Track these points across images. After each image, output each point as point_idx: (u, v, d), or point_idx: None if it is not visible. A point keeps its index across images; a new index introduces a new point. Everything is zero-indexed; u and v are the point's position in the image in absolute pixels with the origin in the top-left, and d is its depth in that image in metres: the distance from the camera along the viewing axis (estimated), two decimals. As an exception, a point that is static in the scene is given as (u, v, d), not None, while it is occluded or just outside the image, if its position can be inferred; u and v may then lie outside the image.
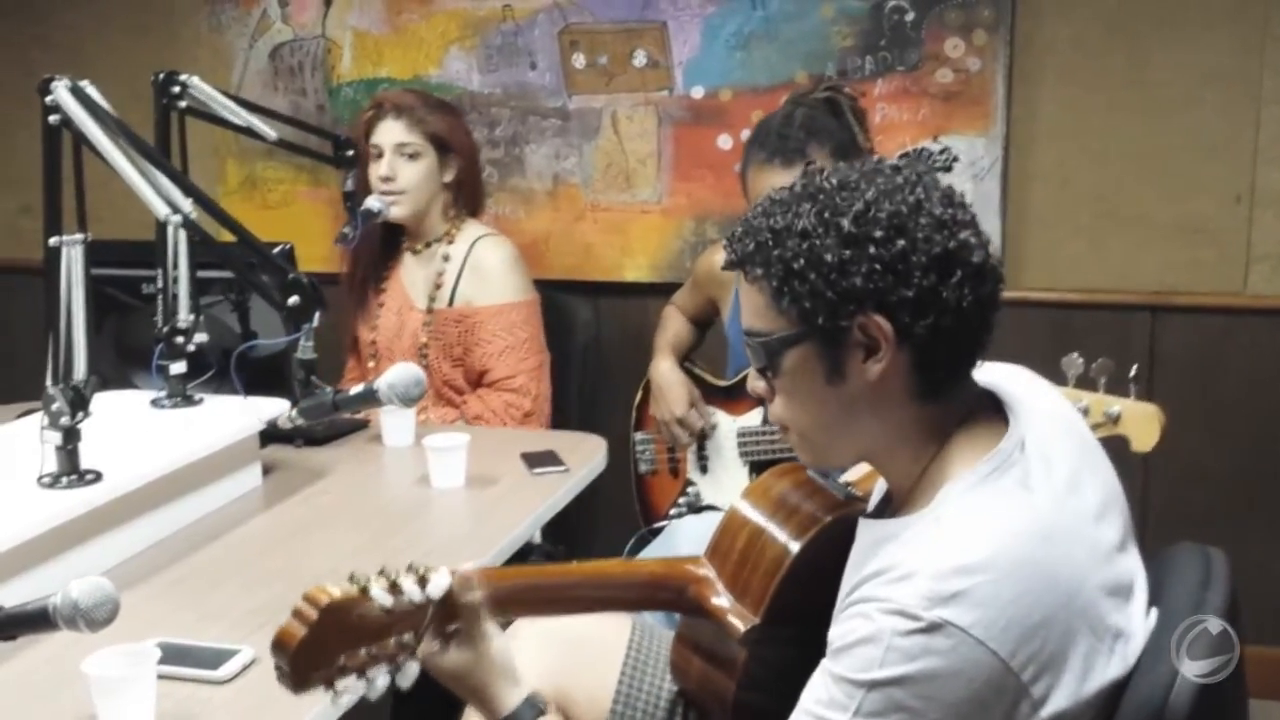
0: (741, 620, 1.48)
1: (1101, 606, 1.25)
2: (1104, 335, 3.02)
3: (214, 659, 1.60)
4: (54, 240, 1.90)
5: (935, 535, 1.23)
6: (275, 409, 2.17)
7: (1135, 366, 2.02)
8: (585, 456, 2.47)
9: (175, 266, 2.31)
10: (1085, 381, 2.03)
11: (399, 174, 2.81)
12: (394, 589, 1.30)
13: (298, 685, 1.25)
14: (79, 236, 1.91)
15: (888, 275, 1.23)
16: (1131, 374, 2.01)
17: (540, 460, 2.41)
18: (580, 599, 1.56)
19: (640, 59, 3.27)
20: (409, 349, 2.88)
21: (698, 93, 3.24)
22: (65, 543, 1.84)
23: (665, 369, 2.82)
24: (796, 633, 1.44)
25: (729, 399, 2.74)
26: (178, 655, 1.58)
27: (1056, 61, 3.04)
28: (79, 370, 1.91)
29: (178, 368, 2.32)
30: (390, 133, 2.82)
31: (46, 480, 1.90)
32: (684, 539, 2.44)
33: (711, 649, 1.56)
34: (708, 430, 2.75)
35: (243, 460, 2.27)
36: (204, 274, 2.37)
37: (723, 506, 2.51)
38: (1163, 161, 3.01)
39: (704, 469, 2.78)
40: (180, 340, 2.32)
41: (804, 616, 1.42)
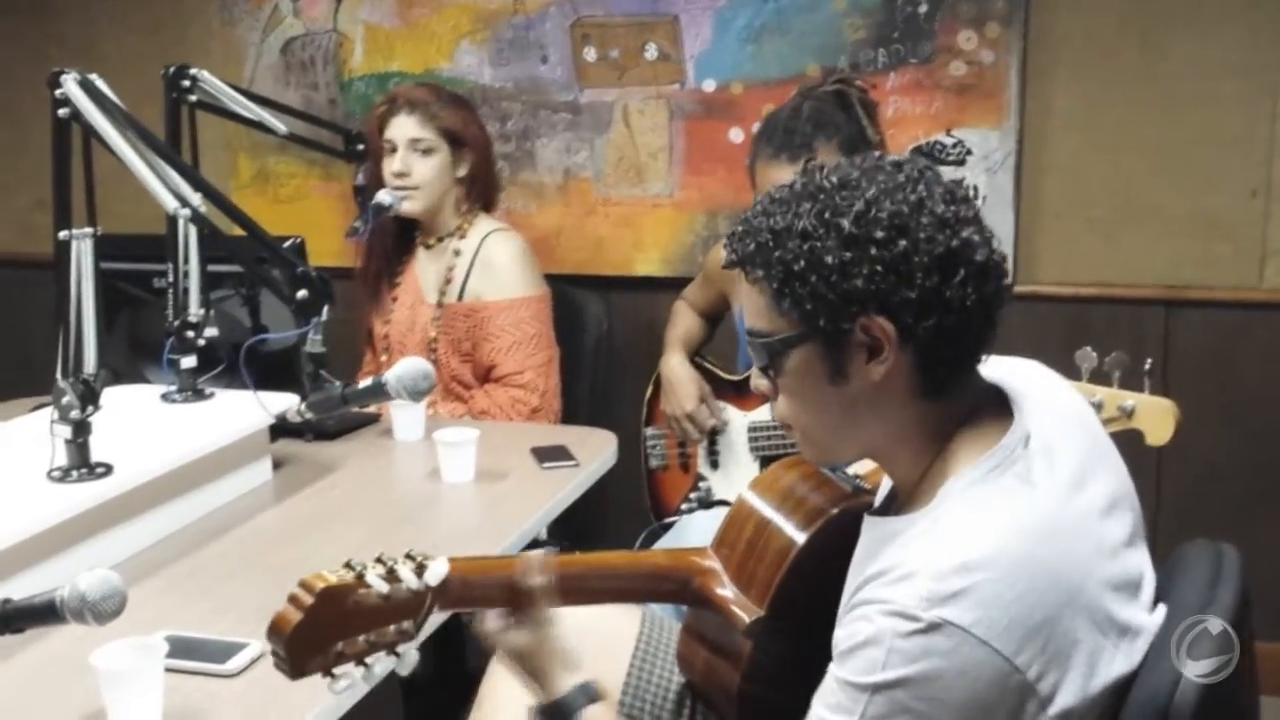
0: (746, 611, 1.48)
1: (1107, 602, 1.24)
2: (1118, 330, 3.01)
3: (222, 652, 1.60)
4: (64, 234, 1.90)
5: (935, 534, 1.23)
6: (285, 403, 2.17)
7: (1149, 361, 2.01)
8: (595, 451, 2.47)
9: (186, 261, 2.30)
10: (1099, 376, 2.02)
11: (412, 169, 2.80)
12: (391, 576, 1.30)
13: (295, 671, 1.25)
14: (88, 230, 1.91)
15: (889, 276, 1.22)
16: (1146, 368, 1.99)
17: (550, 455, 2.41)
18: (584, 590, 1.54)
19: (652, 52, 3.26)
20: (420, 343, 2.87)
21: (709, 86, 3.23)
22: (75, 536, 1.85)
23: (675, 364, 2.81)
24: (802, 625, 1.43)
25: (740, 394, 2.73)
26: (186, 649, 1.59)
27: (1070, 54, 3.02)
28: (89, 364, 1.91)
29: (188, 362, 2.33)
30: (404, 128, 2.80)
31: (56, 474, 1.90)
32: (695, 534, 2.42)
33: (717, 640, 1.56)
34: (719, 426, 2.75)
35: (253, 454, 2.27)
36: (215, 268, 2.37)
37: (733, 501, 2.50)
38: (1178, 155, 2.99)
39: (715, 464, 2.78)
40: (191, 334, 2.32)
41: (810, 609, 1.41)
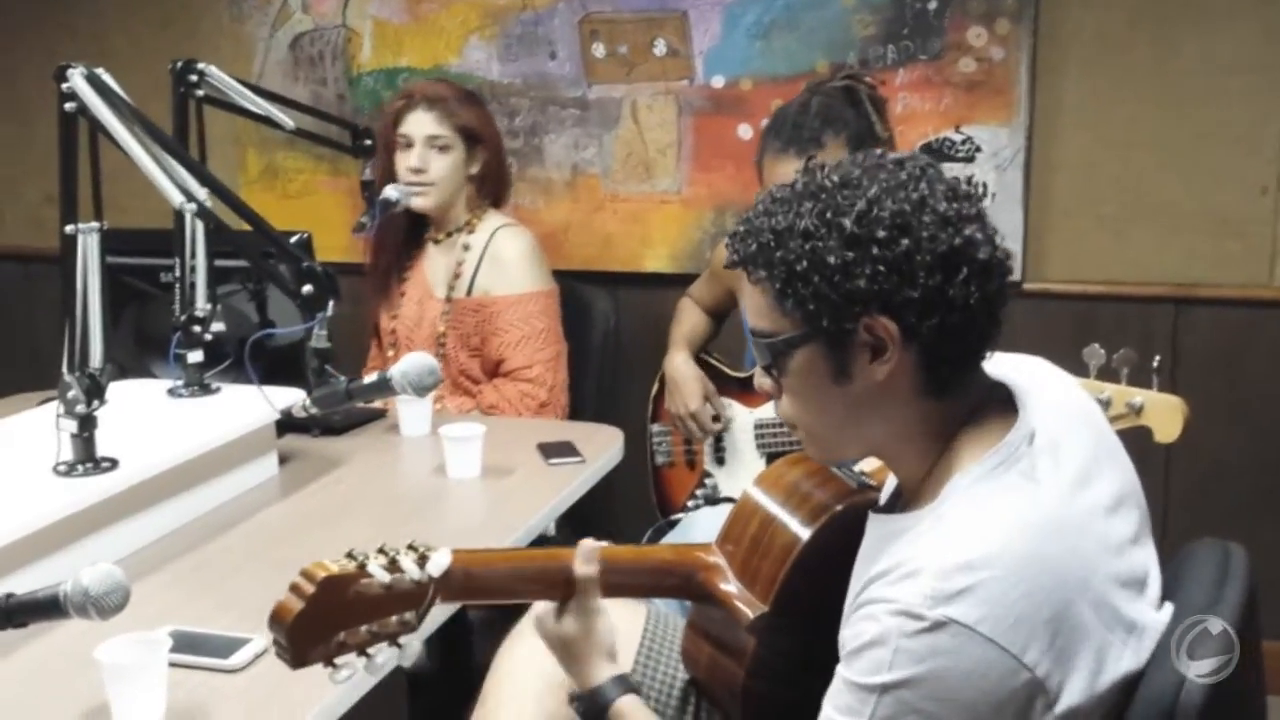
0: (750, 607, 1.47)
1: (1114, 599, 1.23)
2: (1127, 328, 3.00)
3: (226, 648, 1.60)
4: (70, 228, 1.90)
5: (939, 531, 1.22)
6: (290, 398, 2.17)
7: (1158, 357, 2.00)
8: (602, 447, 2.46)
9: (193, 255, 2.31)
10: (1107, 373, 2.01)
11: (429, 166, 2.80)
12: (393, 566, 1.30)
13: (296, 661, 1.25)
14: (94, 225, 1.91)
15: (892, 276, 1.21)
16: (1154, 365, 1.98)
17: (557, 451, 2.40)
18: None
19: (660, 48, 3.25)
20: (429, 338, 2.87)
21: (718, 82, 3.22)
22: (80, 530, 1.85)
23: (680, 363, 2.80)
24: (806, 621, 1.43)
25: (745, 390, 2.72)
26: (190, 644, 1.59)
27: (1080, 51, 3.01)
28: (95, 358, 1.91)
29: (195, 356, 2.33)
30: (422, 124, 2.80)
31: (62, 468, 1.90)
32: (700, 531, 2.42)
33: (721, 636, 1.55)
34: (724, 424, 2.74)
35: (259, 449, 2.27)
36: (222, 263, 2.37)
37: (738, 498, 2.49)
38: (1188, 152, 2.97)
39: (721, 461, 2.77)
40: (197, 329, 2.32)
41: (814, 605, 1.41)
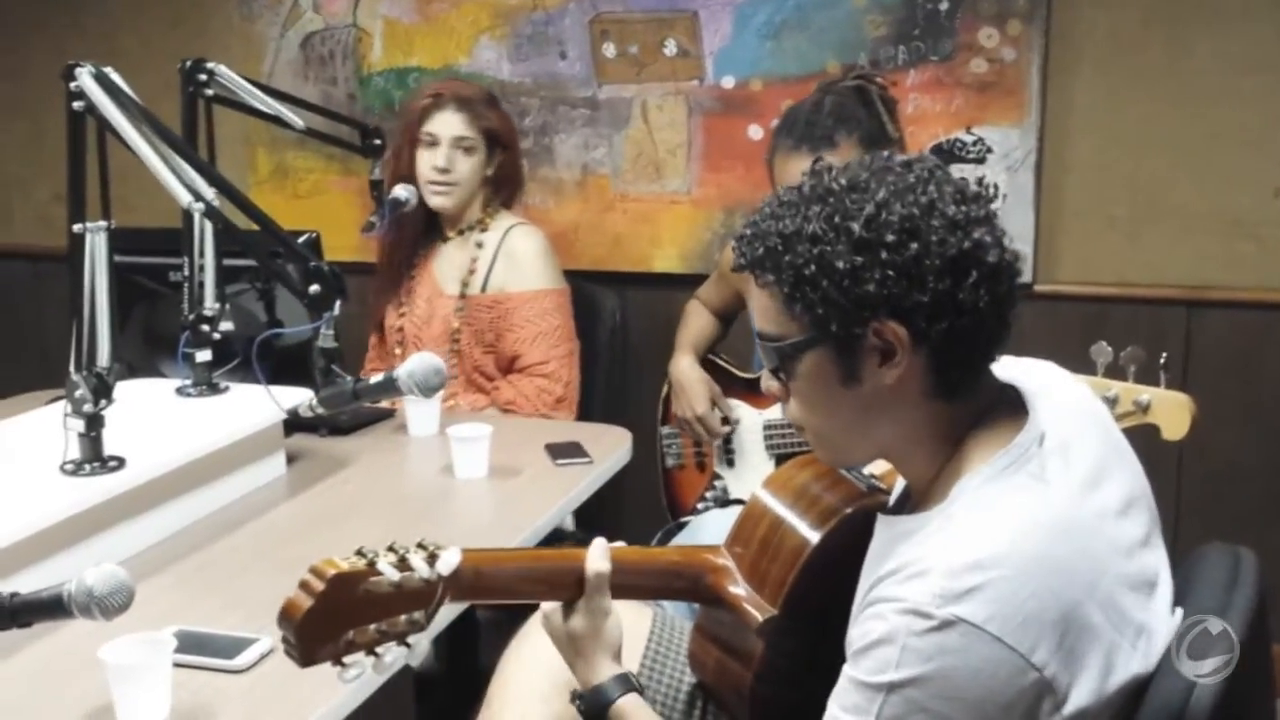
0: (759, 610, 1.46)
1: (1123, 601, 1.23)
2: (1139, 330, 2.97)
3: (231, 648, 1.59)
4: (77, 227, 1.90)
5: (948, 532, 1.22)
6: (298, 398, 2.17)
7: (1164, 355, 1.98)
8: (609, 449, 2.46)
9: (201, 255, 2.31)
10: (1114, 370, 2.00)
11: (455, 166, 2.82)
12: (403, 564, 1.29)
13: (304, 659, 1.24)
14: (102, 224, 1.91)
15: (901, 281, 1.20)
16: (1161, 362, 1.97)
17: (564, 452, 2.40)
18: None
19: (671, 48, 3.25)
20: (440, 335, 2.88)
21: (728, 82, 3.22)
22: (87, 529, 1.84)
23: (685, 366, 2.79)
24: (815, 625, 1.42)
25: (754, 392, 2.71)
26: (195, 644, 1.58)
27: (1093, 51, 2.99)
28: (102, 357, 1.91)
29: (203, 355, 2.33)
30: (450, 125, 2.81)
31: (69, 467, 1.90)
32: (710, 533, 2.41)
33: (729, 640, 1.55)
34: (732, 426, 2.73)
35: (266, 449, 2.27)
36: (231, 262, 2.37)
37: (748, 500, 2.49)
38: (1201, 153, 2.96)
39: (730, 463, 2.76)
40: (206, 328, 2.32)
41: (823, 608, 1.40)
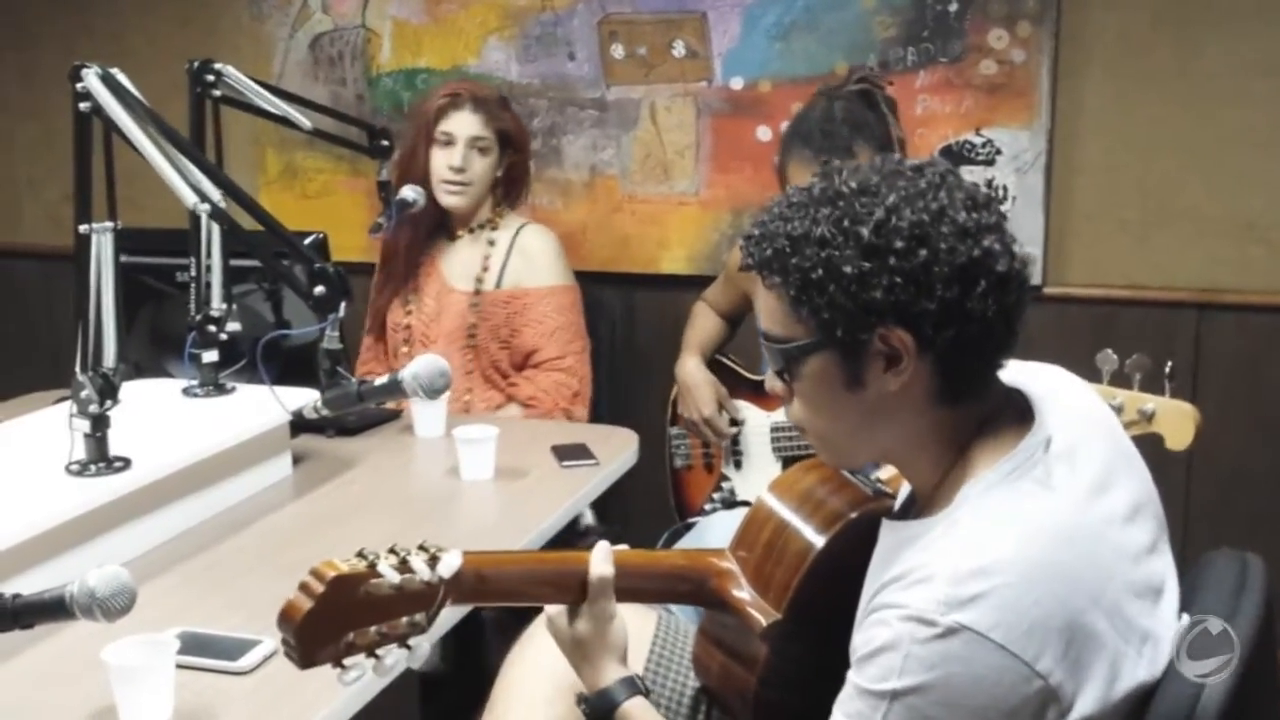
0: (763, 615, 1.46)
1: (1129, 608, 1.22)
2: (1149, 333, 2.96)
3: (234, 649, 1.59)
4: (83, 227, 1.90)
5: (952, 538, 1.21)
6: (303, 399, 2.17)
7: (1170, 364, 1.97)
8: (616, 450, 2.45)
9: (208, 255, 2.31)
10: (1120, 378, 1.99)
11: (470, 166, 2.83)
12: (404, 566, 1.29)
13: (304, 660, 1.24)
14: (108, 224, 1.91)
15: (909, 287, 1.20)
16: (1167, 370, 1.96)
17: (570, 453, 2.39)
18: None
19: (679, 49, 3.24)
20: (454, 331, 2.88)
21: (737, 84, 3.21)
22: (92, 530, 1.85)
23: (691, 368, 2.78)
24: (820, 629, 1.41)
25: (761, 393, 2.71)
26: (198, 645, 1.58)
27: (1103, 53, 2.98)
28: (108, 357, 1.91)
29: (210, 356, 2.33)
30: (467, 125, 2.83)
31: (75, 467, 1.90)
32: (715, 535, 2.41)
33: (733, 644, 1.54)
34: (739, 428, 2.72)
35: (273, 450, 2.27)
36: (238, 263, 2.37)
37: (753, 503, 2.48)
38: (1211, 156, 2.94)
39: (738, 464, 2.76)
40: (213, 329, 2.32)
41: (828, 613, 1.39)
